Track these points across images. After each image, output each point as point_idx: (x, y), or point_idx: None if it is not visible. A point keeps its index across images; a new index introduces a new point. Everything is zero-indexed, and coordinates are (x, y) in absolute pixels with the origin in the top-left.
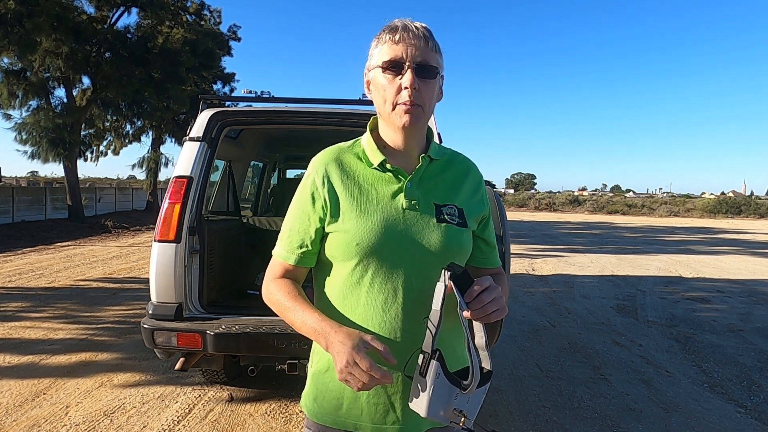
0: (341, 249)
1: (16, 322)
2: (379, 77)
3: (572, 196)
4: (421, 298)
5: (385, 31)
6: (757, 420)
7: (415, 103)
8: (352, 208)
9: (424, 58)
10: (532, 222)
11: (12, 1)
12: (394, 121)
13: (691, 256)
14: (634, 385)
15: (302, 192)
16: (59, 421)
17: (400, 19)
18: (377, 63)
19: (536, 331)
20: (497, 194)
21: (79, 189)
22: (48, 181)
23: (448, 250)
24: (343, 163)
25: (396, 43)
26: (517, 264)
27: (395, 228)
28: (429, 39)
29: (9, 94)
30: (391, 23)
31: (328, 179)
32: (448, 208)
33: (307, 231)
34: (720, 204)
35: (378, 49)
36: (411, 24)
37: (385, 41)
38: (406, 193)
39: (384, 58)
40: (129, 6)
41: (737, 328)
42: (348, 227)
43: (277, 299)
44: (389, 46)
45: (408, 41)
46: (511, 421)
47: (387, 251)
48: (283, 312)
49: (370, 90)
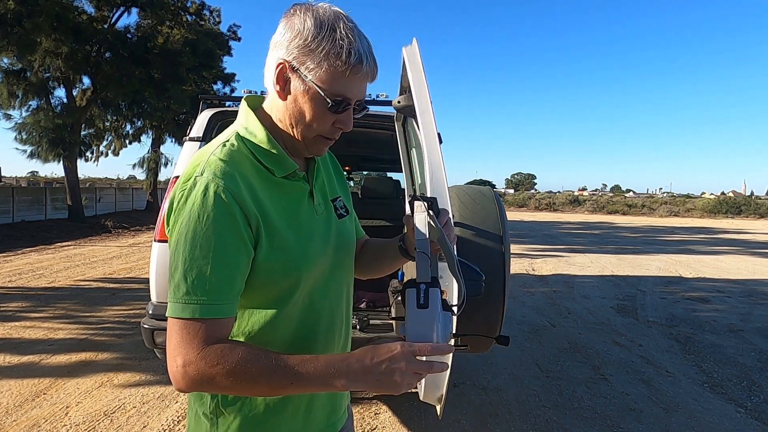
0: (280, 273)
1: (16, 322)
2: (316, 101)
3: (572, 196)
4: (345, 297)
5: (344, 48)
6: (757, 420)
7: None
8: (285, 225)
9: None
10: (532, 222)
11: (12, 1)
12: (308, 145)
13: (691, 256)
14: (634, 385)
15: (217, 222)
16: (59, 421)
17: (364, 42)
18: (324, 85)
19: (536, 331)
20: (497, 194)
21: (79, 189)
22: (48, 181)
23: (352, 242)
24: (248, 174)
25: (355, 76)
26: (517, 264)
27: (317, 236)
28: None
29: (9, 94)
30: (352, 40)
31: (249, 197)
32: (338, 201)
33: (240, 267)
34: (720, 204)
35: (329, 66)
36: (372, 53)
37: (343, 69)
38: (314, 198)
39: (336, 89)
40: (129, 6)
41: (737, 328)
42: (287, 247)
43: (253, 367)
44: (347, 79)
45: (366, 79)
46: (511, 421)
47: (316, 262)
48: (272, 379)
49: (283, 85)
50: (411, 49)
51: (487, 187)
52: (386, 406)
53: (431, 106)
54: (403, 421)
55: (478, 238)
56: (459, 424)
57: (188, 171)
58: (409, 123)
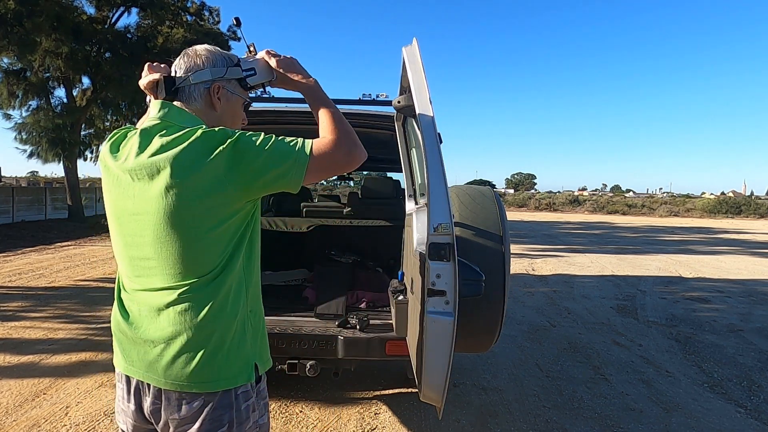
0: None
1: (16, 322)
2: (238, 106)
3: (572, 196)
4: None
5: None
6: (757, 420)
7: None
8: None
9: None
10: (532, 222)
11: (12, 1)
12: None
13: (691, 256)
14: (634, 385)
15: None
16: (59, 421)
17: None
18: (242, 96)
19: (536, 331)
20: (497, 194)
21: (79, 189)
22: (48, 181)
23: None
24: None
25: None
26: (517, 264)
27: None
28: None
29: (9, 94)
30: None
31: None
32: None
33: None
34: (720, 204)
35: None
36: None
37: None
38: None
39: (245, 99)
40: (129, 6)
41: (737, 328)
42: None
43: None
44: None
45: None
46: (511, 421)
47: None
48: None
49: (219, 95)
50: (411, 50)
51: (487, 187)
52: (386, 406)
53: (431, 106)
54: (403, 421)
55: (478, 238)
56: (459, 424)
57: (216, 131)
58: (409, 123)
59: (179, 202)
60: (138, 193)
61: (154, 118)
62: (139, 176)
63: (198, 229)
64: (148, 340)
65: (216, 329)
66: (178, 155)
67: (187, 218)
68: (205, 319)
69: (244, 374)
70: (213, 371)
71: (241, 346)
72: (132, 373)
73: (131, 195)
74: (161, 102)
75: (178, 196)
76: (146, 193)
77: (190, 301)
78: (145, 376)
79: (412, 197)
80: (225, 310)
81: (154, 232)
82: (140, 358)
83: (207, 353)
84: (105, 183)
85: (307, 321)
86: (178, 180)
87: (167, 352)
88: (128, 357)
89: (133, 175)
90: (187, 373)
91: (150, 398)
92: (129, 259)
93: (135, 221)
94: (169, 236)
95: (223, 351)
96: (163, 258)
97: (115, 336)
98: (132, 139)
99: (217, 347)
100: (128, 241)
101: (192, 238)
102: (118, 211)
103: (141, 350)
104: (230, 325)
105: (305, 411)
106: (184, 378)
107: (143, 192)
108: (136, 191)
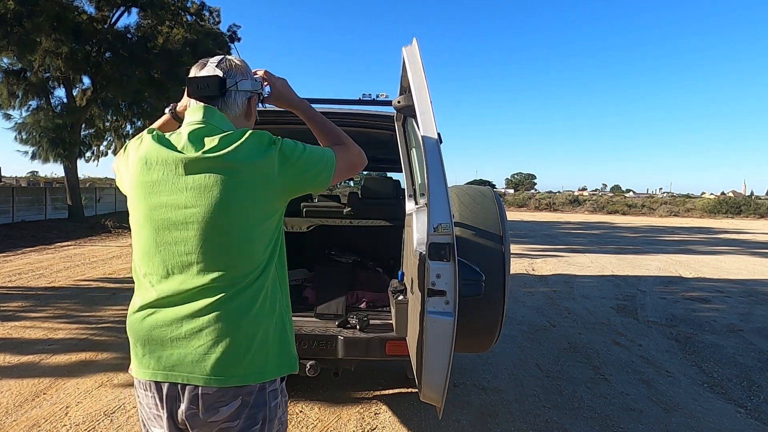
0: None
1: (16, 322)
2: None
3: (572, 196)
4: None
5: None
6: (757, 420)
7: None
8: None
9: None
10: (532, 222)
11: (12, 1)
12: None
13: (691, 256)
14: (634, 385)
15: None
16: (59, 421)
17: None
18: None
19: (536, 331)
20: (497, 194)
21: (79, 189)
22: (48, 181)
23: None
24: None
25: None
26: (517, 264)
27: None
28: None
29: (9, 94)
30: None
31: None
32: None
33: None
34: (720, 204)
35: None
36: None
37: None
38: None
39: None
40: (129, 6)
41: (737, 328)
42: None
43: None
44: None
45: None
46: (511, 421)
47: None
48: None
49: (253, 106)
50: (411, 50)
51: (487, 187)
52: (386, 406)
53: (431, 106)
54: (403, 421)
55: (478, 238)
56: (459, 424)
57: (263, 133)
58: (409, 123)
59: (233, 195)
60: (190, 186)
61: (199, 121)
62: (193, 170)
63: (244, 225)
64: (189, 338)
65: (261, 324)
66: (234, 151)
67: (237, 211)
68: (251, 315)
69: (287, 364)
70: (256, 365)
71: (282, 339)
72: (165, 378)
73: (181, 188)
74: (205, 106)
75: (232, 190)
76: (199, 186)
77: (235, 297)
78: (185, 377)
79: (412, 197)
80: (265, 306)
81: (201, 227)
82: (179, 360)
83: (254, 347)
84: (137, 180)
85: (307, 321)
86: (234, 174)
87: (215, 349)
88: (160, 360)
89: (187, 169)
90: (232, 367)
91: (185, 403)
92: (163, 255)
93: (181, 215)
94: (217, 230)
95: (267, 345)
96: (207, 253)
97: (140, 341)
98: (179, 137)
99: (262, 341)
100: (166, 239)
101: (239, 233)
102: (156, 206)
103: (178, 351)
104: (271, 320)
105: (305, 411)
106: (230, 373)
107: (196, 185)
108: (189, 184)
